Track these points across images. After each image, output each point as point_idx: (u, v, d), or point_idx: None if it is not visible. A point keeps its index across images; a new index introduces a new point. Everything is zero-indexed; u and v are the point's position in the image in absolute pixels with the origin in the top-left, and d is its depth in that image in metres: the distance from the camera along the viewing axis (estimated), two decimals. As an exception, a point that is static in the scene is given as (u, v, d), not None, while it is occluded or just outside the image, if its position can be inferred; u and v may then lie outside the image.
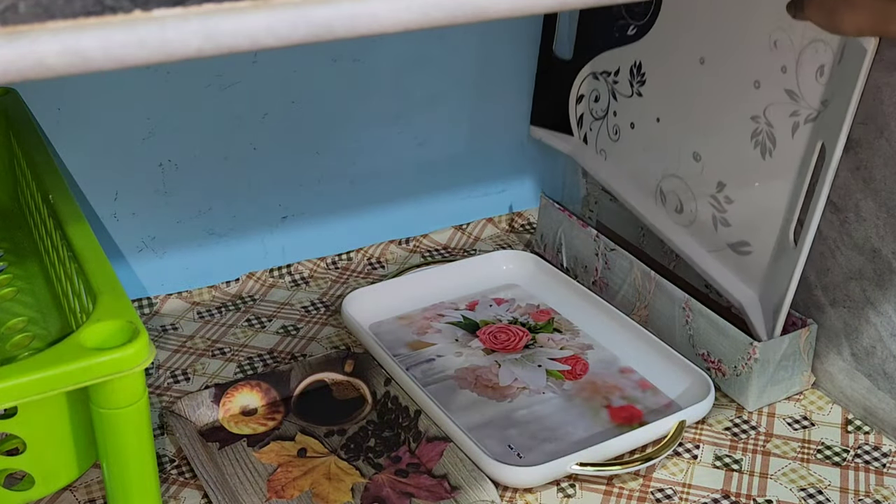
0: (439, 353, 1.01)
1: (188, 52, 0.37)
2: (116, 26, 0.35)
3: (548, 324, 1.07)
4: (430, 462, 0.89)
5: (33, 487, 0.70)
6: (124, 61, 0.36)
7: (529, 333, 1.05)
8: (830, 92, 0.88)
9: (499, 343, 1.03)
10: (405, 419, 0.94)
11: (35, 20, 0.34)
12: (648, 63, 1.10)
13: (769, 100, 0.94)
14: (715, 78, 1.00)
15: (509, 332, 1.05)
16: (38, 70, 0.35)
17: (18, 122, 0.99)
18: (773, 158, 0.95)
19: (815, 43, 0.88)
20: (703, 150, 1.03)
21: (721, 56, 0.99)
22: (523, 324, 1.07)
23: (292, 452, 0.91)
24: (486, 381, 0.97)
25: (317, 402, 0.98)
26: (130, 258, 1.13)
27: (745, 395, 0.97)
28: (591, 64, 1.19)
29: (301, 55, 1.13)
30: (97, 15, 0.35)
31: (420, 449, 0.90)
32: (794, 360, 0.97)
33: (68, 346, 0.65)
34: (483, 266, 1.16)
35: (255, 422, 0.95)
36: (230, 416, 0.96)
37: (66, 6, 0.35)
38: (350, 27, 0.39)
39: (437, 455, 0.89)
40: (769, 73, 0.93)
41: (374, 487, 0.87)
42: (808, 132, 0.91)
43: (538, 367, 1.00)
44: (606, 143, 1.18)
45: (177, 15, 0.36)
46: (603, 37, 1.16)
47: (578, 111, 1.22)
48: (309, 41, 0.39)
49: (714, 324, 0.99)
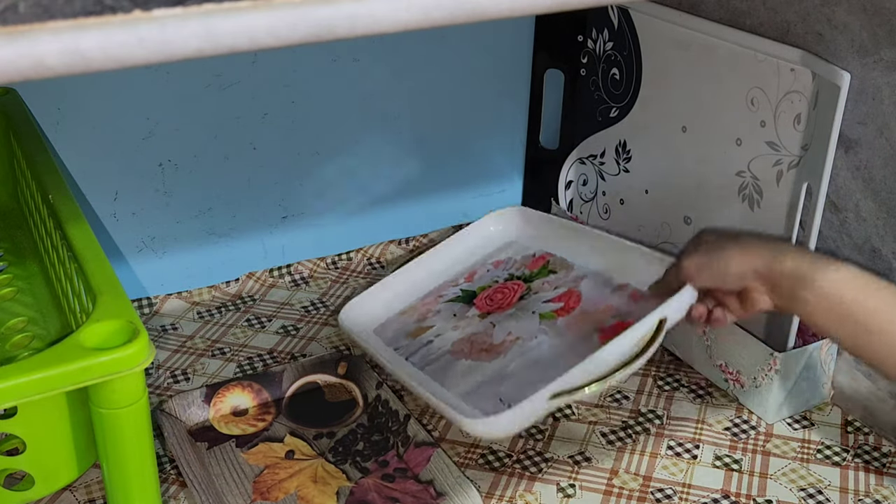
0: (438, 332, 1.00)
1: (188, 52, 0.37)
2: (116, 26, 0.35)
3: (542, 269, 1.03)
4: (417, 467, 0.89)
5: (33, 487, 0.70)
6: (124, 61, 0.36)
7: (524, 284, 1.02)
8: (809, 136, 0.90)
9: (494, 304, 1.01)
10: (394, 423, 0.93)
11: (35, 20, 0.34)
12: (633, 140, 1.13)
13: (752, 154, 0.96)
14: (698, 143, 1.03)
15: (504, 291, 1.03)
16: (38, 70, 0.35)
17: (18, 122, 0.99)
18: (761, 208, 0.96)
19: (789, 94, 0.91)
20: (692, 213, 1.06)
21: (702, 121, 1.02)
22: (519, 277, 1.04)
23: (280, 454, 0.91)
24: (481, 344, 0.94)
25: (308, 404, 0.98)
26: (130, 258, 1.13)
27: (764, 407, 0.97)
28: (577, 150, 1.22)
29: (301, 55, 1.13)
30: (97, 15, 0.35)
31: (408, 454, 0.90)
32: (815, 372, 0.97)
33: (68, 346, 0.65)
34: (475, 235, 1.11)
35: (246, 422, 0.95)
36: (220, 416, 0.95)
37: (66, 6, 0.35)
38: (350, 27, 0.39)
39: (424, 460, 0.89)
40: (749, 129, 0.96)
41: (360, 492, 0.87)
42: (792, 177, 0.93)
43: (532, 313, 0.96)
44: (598, 223, 1.21)
45: (177, 15, 0.36)
46: (587, 122, 1.19)
47: (568, 196, 1.25)
48: (309, 41, 0.39)
49: (733, 334, 0.98)
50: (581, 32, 1.18)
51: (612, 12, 1.11)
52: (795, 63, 0.90)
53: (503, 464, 0.91)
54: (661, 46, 1.06)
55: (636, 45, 1.09)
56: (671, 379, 1.03)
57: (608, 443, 0.94)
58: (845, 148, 0.91)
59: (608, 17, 1.13)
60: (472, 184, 1.32)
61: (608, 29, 1.13)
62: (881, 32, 0.85)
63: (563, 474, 0.90)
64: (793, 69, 0.90)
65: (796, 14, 0.92)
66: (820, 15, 0.89)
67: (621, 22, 1.11)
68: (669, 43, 1.04)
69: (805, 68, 0.89)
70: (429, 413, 0.97)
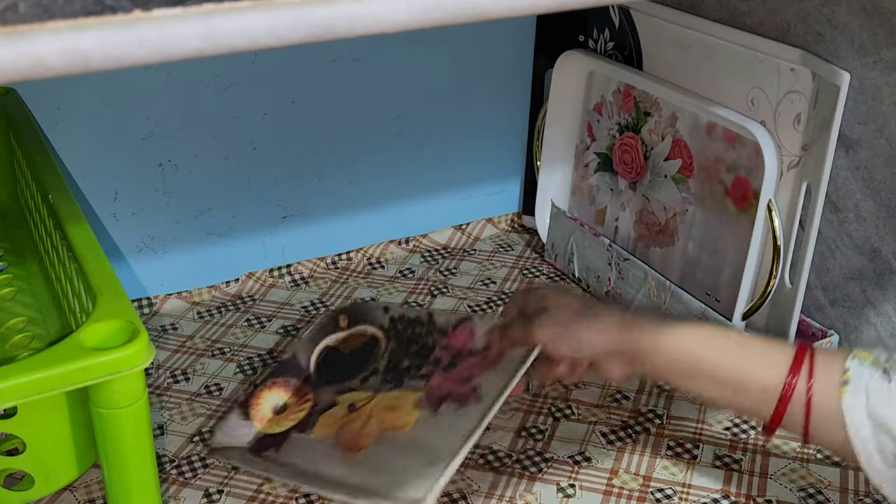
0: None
1: (188, 52, 0.37)
2: (116, 26, 0.35)
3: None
4: (466, 344, 0.88)
5: (33, 487, 0.70)
6: (124, 61, 0.36)
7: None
8: (809, 136, 0.90)
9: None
10: (420, 327, 0.93)
11: (35, 20, 0.34)
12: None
13: None
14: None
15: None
16: (38, 70, 0.35)
17: (18, 122, 0.99)
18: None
19: (789, 94, 0.91)
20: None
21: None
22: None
23: (343, 413, 0.88)
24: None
25: (334, 364, 0.96)
26: (130, 258, 1.13)
27: None
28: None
29: (301, 55, 1.13)
30: (97, 15, 0.35)
31: (450, 340, 0.89)
32: None
33: (68, 346, 0.65)
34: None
35: (292, 414, 0.93)
36: (267, 422, 0.91)
37: (66, 6, 0.35)
38: (350, 27, 0.39)
39: (467, 335, 0.88)
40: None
41: (434, 391, 0.85)
42: (792, 177, 0.93)
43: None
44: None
45: (176, 15, 0.36)
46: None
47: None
48: (309, 41, 0.39)
49: None
50: (582, 32, 1.18)
51: (613, 12, 1.11)
52: (795, 63, 0.90)
53: (503, 464, 0.91)
54: (662, 46, 1.06)
55: (637, 44, 1.09)
56: (671, 379, 1.03)
57: (608, 443, 0.94)
58: (845, 148, 0.91)
59: (609, 16, 1.13)
60: (471, 184, 1.32)
61: (609, 29, 1.13)
62: (881, 32, 0.85)
63: (563, 474, 0.90)
64: (793, 69, 0.90)
65: (796, 14, 0.92)
66: (820, 15, 0.89)
67: (622, 22, 1.11)
68: (670, 43, 1.04)
69: (805, 68, 0.89)
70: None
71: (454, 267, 1.25)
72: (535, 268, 1.25)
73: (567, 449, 0.93)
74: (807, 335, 0.97)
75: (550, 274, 1.24)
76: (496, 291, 1.20)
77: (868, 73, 0.87)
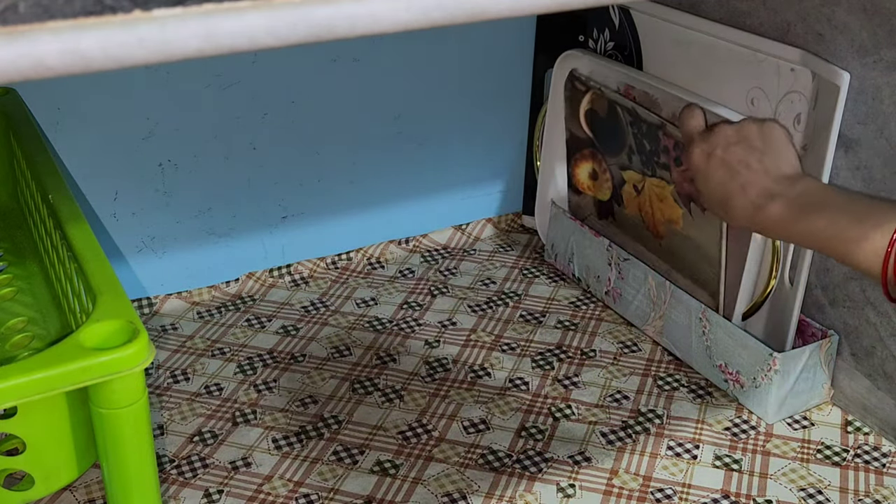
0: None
1: (188, 52, 0.37)
2: (116, 26, 0.35)
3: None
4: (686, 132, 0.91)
5: (33, 487, 0.70)
6: (124, 61, 0.36)
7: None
8: (809, 136, 0.90)
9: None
10: (648, 126, 1.02)
11: (35, 20, 0.34)
12: None
13: None
14: None
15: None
16: (38, 70, 0.35)
17: (18, 122, 0.99)
18: None
19: (789, 94, 0.91)
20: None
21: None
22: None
23: (632, 193, 1.09)
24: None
25: (601, 130, 1.10)
26: (130, 258, 1.13)
27: (764, 407, 0.97)
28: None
29: (301, 55, 1.13)
30: (97, 15, 0.35)
31: (665, 130, 0.99)
32: (814, 372, 0.97)
33: (68, 346, 0.65)
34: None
35: (604, 183, 1.13)
36: (586, 187, 1.16)
37: (66, 6, 0.35)
38: (350, 27, 0.39)
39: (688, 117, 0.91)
40: None
41: (679, 189, 0.98)
42: None
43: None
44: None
45: (176, 15, 0.36)
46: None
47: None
48: (309, 41, 0.39)
49: (732, 335, 0.98)
50: (582, 32, 1.18)
51: (613, 12, 1.11)
52: (795, 63, 0.90)
53: (503, 464, 0.91)
54: (662, 46, 1.06)
55: (637, 44, 1.09)
56: (671, 379, 1.03)
57: (608, 443, 0.94)
58: (845, 148, 0.91)
59: (609, 16, 1.13)
60: (472, 184, 1.32)
61: (609, 29, 1.13)
62: (881, 32, 0.85)
63: (563, 474, 0.90)
64: (793, 69, 0.90)
65: (796, 14, 0.92)
66: (820, 15, 0.89)
67: (622, 22, 1.11)
68: (670, 42, 1.04)
69: (805, 68, 0.89)
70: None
71: (454, 267, 1.25)
72: (535, 268, 1.25)
73: (567, 449, 0.93)
74: (807, 335, 0.97)
75: (550, 274, 1.24)
76: (496, 291, 1.20)
77: (868, 73, 0.87)
